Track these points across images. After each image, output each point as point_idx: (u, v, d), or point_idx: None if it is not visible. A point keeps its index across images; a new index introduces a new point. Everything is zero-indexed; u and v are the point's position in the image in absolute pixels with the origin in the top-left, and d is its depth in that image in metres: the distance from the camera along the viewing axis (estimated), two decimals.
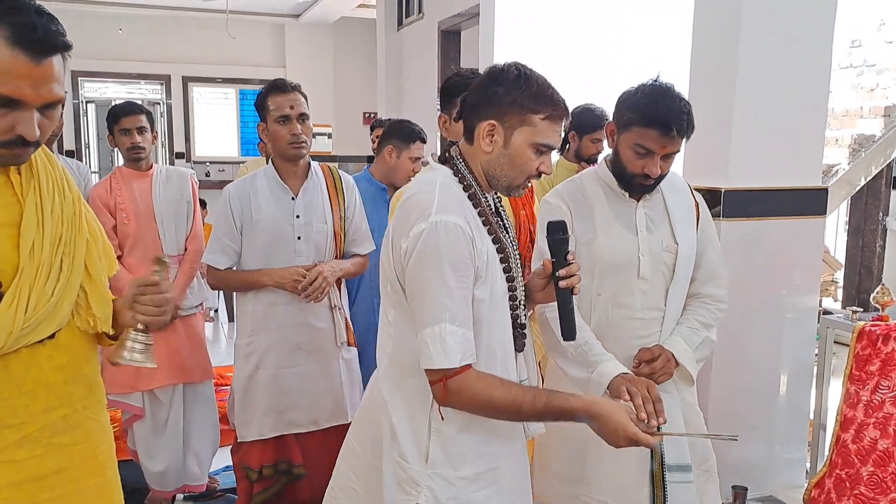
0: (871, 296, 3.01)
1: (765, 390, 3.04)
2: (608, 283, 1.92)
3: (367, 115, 9.67)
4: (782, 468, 3.13)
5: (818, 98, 2.94)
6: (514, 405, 1.43)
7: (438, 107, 2.32)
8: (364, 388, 2.72)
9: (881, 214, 5.71)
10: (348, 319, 2.60)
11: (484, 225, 1.50)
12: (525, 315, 1.59)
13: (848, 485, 2.78)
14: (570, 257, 1.55)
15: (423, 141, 3.03)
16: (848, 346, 2.88)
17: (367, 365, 2.81)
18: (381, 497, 1.52)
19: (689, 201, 2.03)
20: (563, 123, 1.50)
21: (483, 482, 1.51)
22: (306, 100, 2.48)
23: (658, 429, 1.55)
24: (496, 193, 1.60)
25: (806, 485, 3.02)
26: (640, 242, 1.91)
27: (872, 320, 2.92)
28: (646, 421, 1.52)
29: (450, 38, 6.68)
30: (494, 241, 1.51)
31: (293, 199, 2.49)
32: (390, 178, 3.01)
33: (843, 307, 5.34)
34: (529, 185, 1.56)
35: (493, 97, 1.47)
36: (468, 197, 1.50)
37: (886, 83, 5.00)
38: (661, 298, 1.94)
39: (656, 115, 1.79)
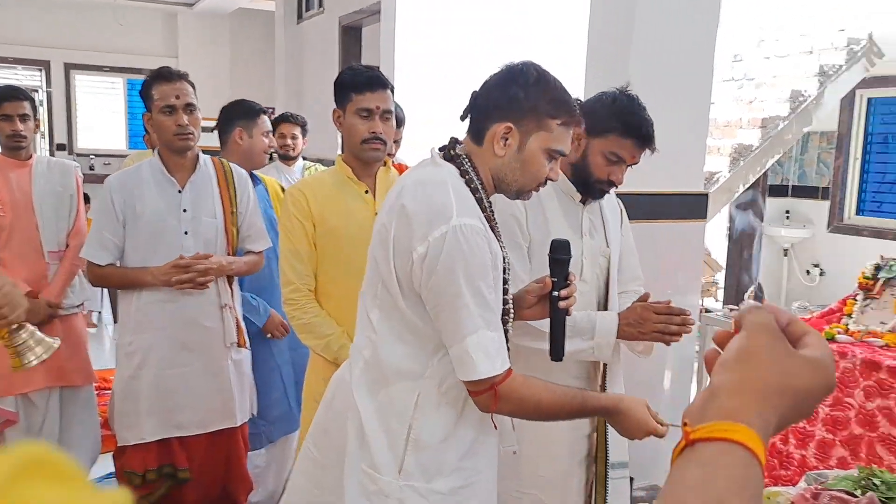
0: (746, 294, 3.20)
1: (650, 384, 3.17)
2: None
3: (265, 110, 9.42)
4: (666, 458, 3.25)
5: (701, 109, 3.10)
6: (559, 406, 1.43)
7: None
8: (256, 391, 2.68)
9: (758, 220, 6.08)
10: (240, 319, 2.52)
11: (491, 230, 1.45)
12: (511, 328, 1.54)
13: None
14: (570, 278, 1.54)
15: (265, 113, 2.96)
16: None
17: (259, 367, 2.75)
18: None
19: (616, 207, 2.08)
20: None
21: (458, 498, 1.46)
22: (194, 89, 2.39)
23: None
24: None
25: None
26: (583, 246, 1.93)
27: None
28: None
29: (351, 34, 6.61)
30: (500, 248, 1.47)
31: (179, 192, 2.39)
32: (249, 163, 2.86)
33: (723, 308, 5.64)
34: (537, 191, 1.51)
35: (511, 99, 1.40)
36: (476, 200, 1.43)
37: (764, 96, 5.31)
38: (594, 301, 1.98)
39: (637, 126, 1.82)
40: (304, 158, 4.06)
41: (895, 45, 5.18)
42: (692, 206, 3.11)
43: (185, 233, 2.37)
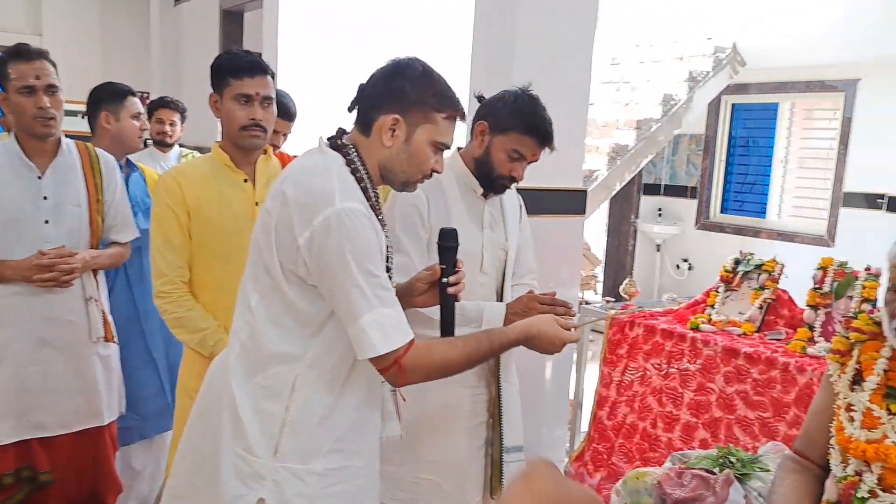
0: (621, 287, 3.34)
1: (532, 375, 3.26)
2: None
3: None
4: (547, 447, 3.37)
5: (580, 109, 3.22)
6: (469, 356, 1.48)
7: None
8: (128, 385, 2.55)
9: (633, 217, 6.38)
10: (106, 312, 2.39)
11: (377, 218, 1.47)
12: None
13: (604, 456, 3.07)
14: (459, 265, 1.58)
15: (134, 94, 2.86)
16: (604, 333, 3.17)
17: (132, 361, 2.62)
18: (217, 492, 1.44)
19: (516, 203, 2.16)
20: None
21: (334, 479, 1.46)
22: (56, 69, 2.24)
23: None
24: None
25: (567, 459, 3.29)
26: (484, 238, 2.00)
27: (621, 309, 3.25)
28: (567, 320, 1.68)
29: (232, 19, 6.39)
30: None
31: (39, 178, 2.24)
32: (121, 148, 2.74)
33: (601, 300, 5.88)
34: (421, 183, 1.54)
35: (397, 92, 1.44)
36: (361, 189, 1.45)
37: (639, 99, 5.57)
38: (493, 293, 2.04)
39: (537, 125, 1.91)
40: (181, 146, 3.90)
41: (756, 55, 5.57)
42: (572, 202, 3.22)
43: (46, 222, 2.23)
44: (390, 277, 1.50)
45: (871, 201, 5.29)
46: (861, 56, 5.19)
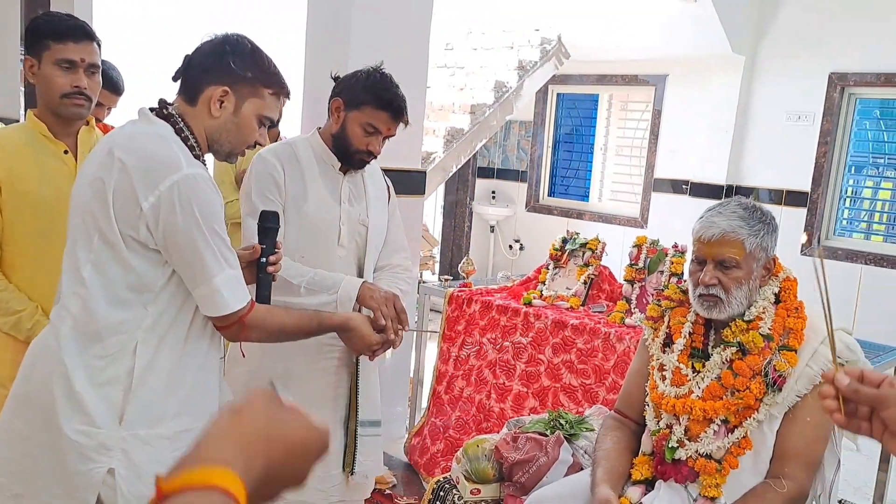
0: (459, 266, 3.48)
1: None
2: (311, 245, 2.04)
3: None
4: (387, 423, 3.44)
5: (418, 92, 3.28)
6: (299, 327, 1.67)
7: (23, 50, 2.05)
8: None
9: (468, 199, 6.60)
10: None
11: None
12: None
13: (441, 430, 3.19)
14: (278, 246, 1.68)
15: None
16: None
17: None
18: (59, 474, 1.39)
19: (382, 184, 2.23)
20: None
21: (183, 441, 1.44)
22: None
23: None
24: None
25: (407, 435, 3.39)
26: (342, 212, 2.06)
27: (460, 287, 3.39)
28: (385, 329, 1.92)
29: None
30: None
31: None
32: None
33: (439, 279, 6.05)
34: (243, 155, 1.62)
35: (227, 65, 1.50)
36: (193, 157, 1.49)
37: (473, 84, 5.76)
38: (353, 266, 2.11)
39: (390, 100, 1.99)
40: None
41: (579, 49, 5.93)
42: (412, 183, 3.30)
43: None
44: None
45: (676, 187, 5.83)
46: (668, 53, 5.69)
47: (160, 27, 5.01)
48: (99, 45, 1.98)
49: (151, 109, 1.52)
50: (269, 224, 1.70)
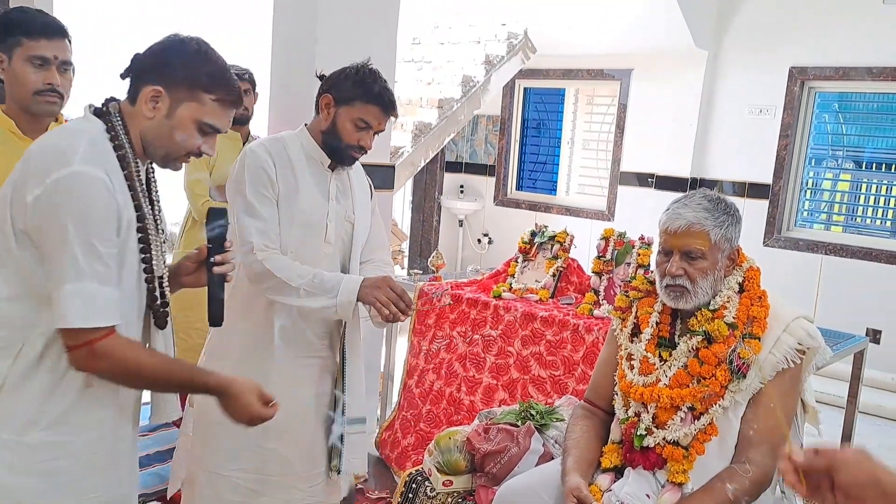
0: (429, 260, 3.48)
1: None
2: (299, 241, 2.02)
3: None
4: None
5: None
6: (161, 374, 1.44)
7: None
8: None
9: (437, 193, 6.61)
10: None
11: (129, 190, 1.41)
12: (166, 293, 1.54)
13: (412, 423, 3.19)
14: (227, 245, 1.58)
15: None
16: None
17: None
18: None
19: (366, 182, 2.24)
20: (235, 112, 1.51)
21: (50, 454, 1.37)
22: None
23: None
24: (151, 165, 1.51)
25: (378, 429, 3.39)
26: (329, 209, 2.06)
27: (429, 281, 3.39)
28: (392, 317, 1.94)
29: None
30: (136, 209, 1.41)
31: None
32: None
33: (409, 274, 6.05)
34: (186, 161, 1.52)
35: (165, 65, 1.43)
36: (117, 157, 1.40)
37: (440, 78, 5.76)
38: (338, 262, 2.11)
39: (380, 94, 2.00)
40: None
41: (546, 43, 5.97)
42: (381, 177, 3.28)
43: None
44: (146, 252, 1.45)
45: (642, 180, 5.91)
46: (633, 48, 5.75)
47: (122, 26, 4.92)
48: (70, 42, 1.96)
49: (94, 107, 1.48)
50: (215, 222, 1.59)
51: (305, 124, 2.11)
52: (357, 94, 2.00)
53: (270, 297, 1.98)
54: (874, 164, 5.18)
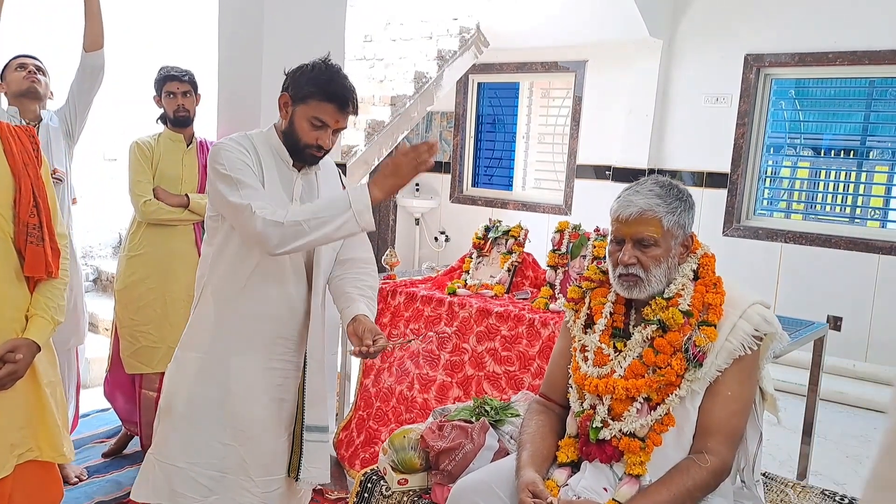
0: (383, 258, 3.40)
1: None
2: None
3: None
4: None
5: None
6: None
7: None
8: None
9: None
10: None
11: None
12: None
13: (365, 422, 3.11)
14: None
15: None
16: None
17: None
18: None
19: (337, 182, 2.17)
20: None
21: None
22: None
23: None
24: None
25: (336, 429, 3.30)
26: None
27: (384, 279, 3.31)
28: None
29: None
30: None
31: None
32: None
33: None
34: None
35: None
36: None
37: (392, 76, 5.68)
38: (302, 266, 2.05)
39: (335, 91, 1.93)
40: None
41: (499, 36, 5.93)
42: None
43: None
44: None
45: (599, 172, 5.89)
46: (587, 39, 5.73)
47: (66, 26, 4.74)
48: None
49: None
50: None
51: (274, 124, 2.06)
52: (311, 91, 1.94)
53: (286, 248, 1.86)
54: (833, 151, 5.22)
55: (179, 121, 3.12)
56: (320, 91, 1.93)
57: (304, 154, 2.00)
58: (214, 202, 1.99)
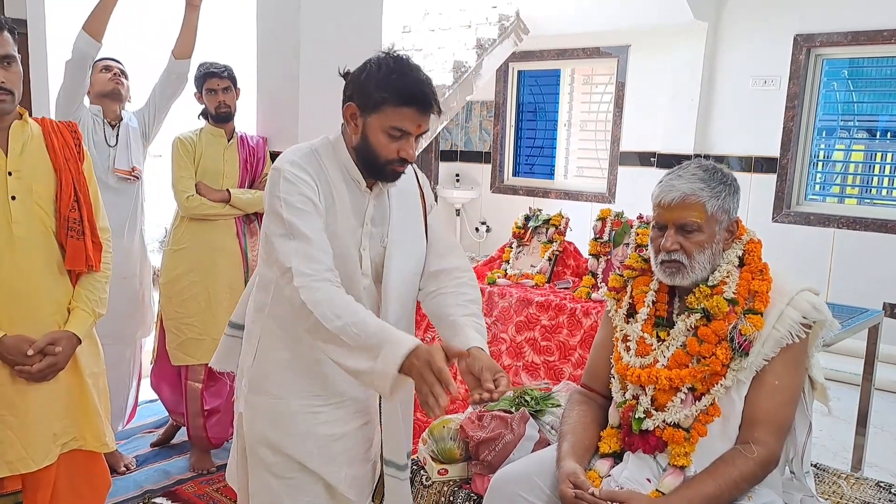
0: None
1: None
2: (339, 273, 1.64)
3: None
4: None
5: None
6: None
7: None
8: None
9: (432, 183, 6.50)
10: None
11: None
12: None
13: None
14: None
15: None
16: None
17: None
18: None
19: (415, 191, 1.83)
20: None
21: None
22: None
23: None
24: None
25: None
26: (362, 236, 1.70)
27: None
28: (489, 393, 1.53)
29: None
30: None
31: None
32: None
33: None
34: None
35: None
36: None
37: (431, 66, 5.65)
38: (375, 292, 1.74)
39: (412, 92, 1.59)
40: None
41: (538, 23, 5.85)
42: None
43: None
44: None
45: (643, 159, 5.79)
46: (630, 23, 5.62)
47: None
48: (14, 34, 1.86)
49: None
50: None
51: (342, 132, 1.72)
52: (384, 97, 1.59)
53: (312, 339, 1.59)
54: (889, 133, 5.01)
55: (221, 117, 3.16)
56: (395, 95, 1.58)
57: (384, 171, 1.66)
58: (265, 231, 1.67)
